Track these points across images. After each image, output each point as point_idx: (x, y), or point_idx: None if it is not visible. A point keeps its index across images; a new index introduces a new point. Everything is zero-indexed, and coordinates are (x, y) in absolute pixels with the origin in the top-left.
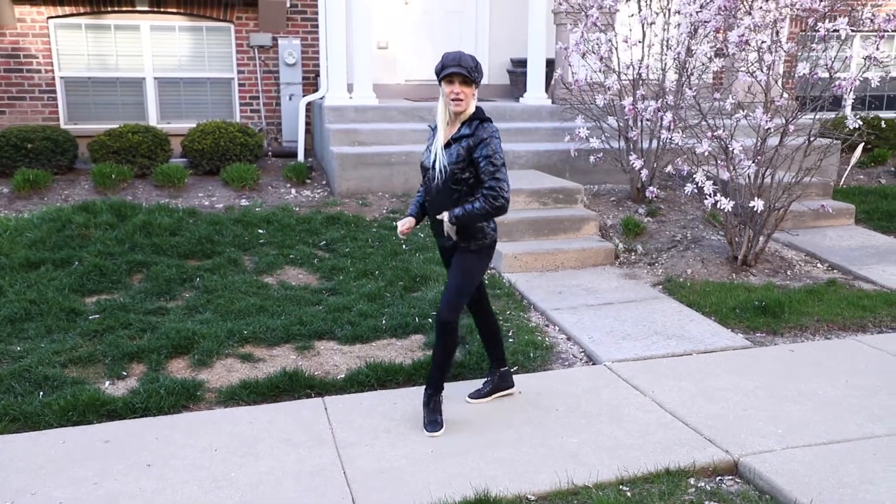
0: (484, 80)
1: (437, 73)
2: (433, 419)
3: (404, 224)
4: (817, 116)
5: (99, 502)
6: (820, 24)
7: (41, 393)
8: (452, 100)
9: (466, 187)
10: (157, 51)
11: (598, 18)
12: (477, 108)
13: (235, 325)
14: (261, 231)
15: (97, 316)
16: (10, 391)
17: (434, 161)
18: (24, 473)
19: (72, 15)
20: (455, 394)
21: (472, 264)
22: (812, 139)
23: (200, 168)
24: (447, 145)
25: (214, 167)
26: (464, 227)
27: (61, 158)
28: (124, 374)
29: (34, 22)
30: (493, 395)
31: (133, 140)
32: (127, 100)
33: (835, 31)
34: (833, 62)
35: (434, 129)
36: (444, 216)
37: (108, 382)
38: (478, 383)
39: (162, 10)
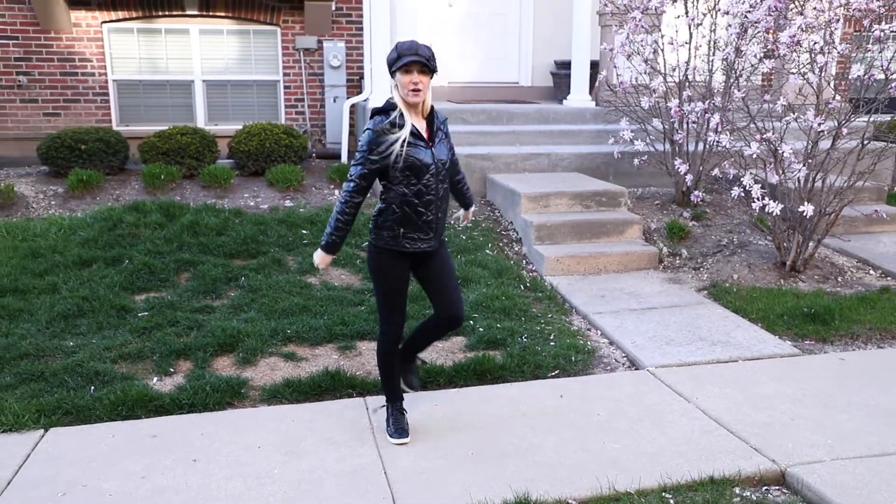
0: (527, 82)
1: (391, 63)
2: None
3: (326, 259)
4: (871, 119)
5: (146, 496)
6: (876, 24)
7: (92, 387)
8: (411, 90)
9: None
10: (205, 54)
11: (642, 20)
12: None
13: (279, 324)
14: (304, 231)
15: (146, 313)
16: (63, 385)
17: (433, 155)
18: (76, 466)
19: (125, 19)
20: (497, 396)
21: (447, 251)
22: (866, 142)
23: (246, 169)
24: (431, 136)
25: (260, 168)
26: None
27: (113, 159)
28: (171, 370)
29: (89, 26)
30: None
31: (181, 141)
32: (176, 102)
33: (892, 31)
34: (889, 63)
35: (394, 126)
36: (471, 209)
37: (155, 378)
38: (519, 385)
39: (211, 13)
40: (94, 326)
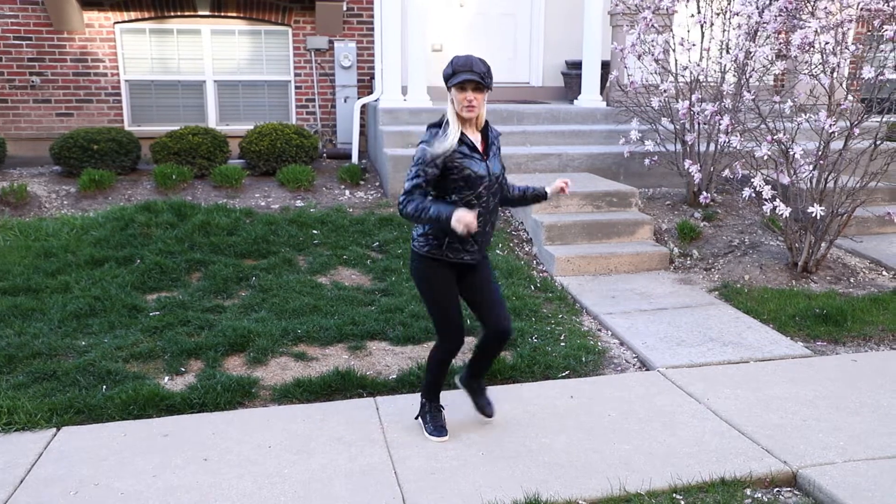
0: (538, 82)
1: (447, 77)
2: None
3: (472, 215)
4: (884, 119)
5: (157, 494)
6: (887, 25)
7: (104, 387)
8: (466, 106)
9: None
10: (217, 54)
11: (653, 20)
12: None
13: (290, 324)
14: (315, 232)
15: (157, 313)
16: (75, 384)
17: (488, 169)
18: (88, 464)
19: (137, 20)
20: (507, 396)
21: (489, 264)
22: (878, 143)
23: (257, 169)
24: (486, 150)
25: (271, 168)
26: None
27: (125, 159)
28: (183, 370)
29: (101, 27)
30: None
31: (193, 142)
32: (188, 102)
33: None
34: None
35: (439, 137)
36: (558, 182)
37: (167, 378)
38: (529, 386)
39: (222, 14)
40: (105, 326)
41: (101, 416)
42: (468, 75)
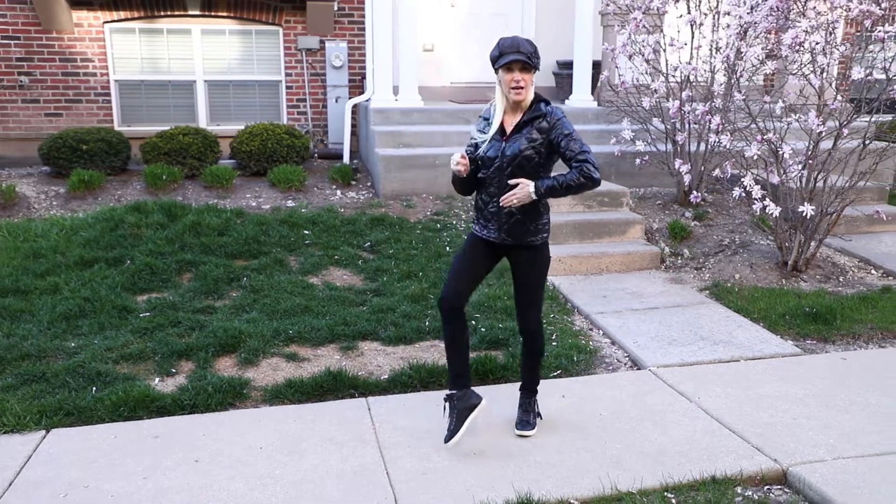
0: None
1: (494, 59)
2: (524, 419)
3: (459, 157)
4: (873, 119)
5: (148, 496)
6: (878, 26)
7: (94, 388)
8: (513, 88)
9: (534, 172)
10: (207, 54)
11: (643, 21)
12: (535, 92)
13: (281, 324)
14: (306, 232)
15: (148, 314)
16: (64, 386)
17: (502, 149)
18: (77, 467)
19: (126, 20)
20: (497, 396)
21: (539, 260)
22: (867, 142)
23: (248, 169)
24: (517, 130)
25: (262, 168)
26: (529, 220)
27: (115, 160)
28: (173, 371)
29: (91, 27)
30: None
31: (183, 142)
32: (178, 102)
33: (893, 32)
34: (890, 64)
35: (487, 119)
36: (528, 186)
37: (157, 379)
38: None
39: (213, 13)
40: (95, 327)
41: (90, 418)
42: (515, 55)
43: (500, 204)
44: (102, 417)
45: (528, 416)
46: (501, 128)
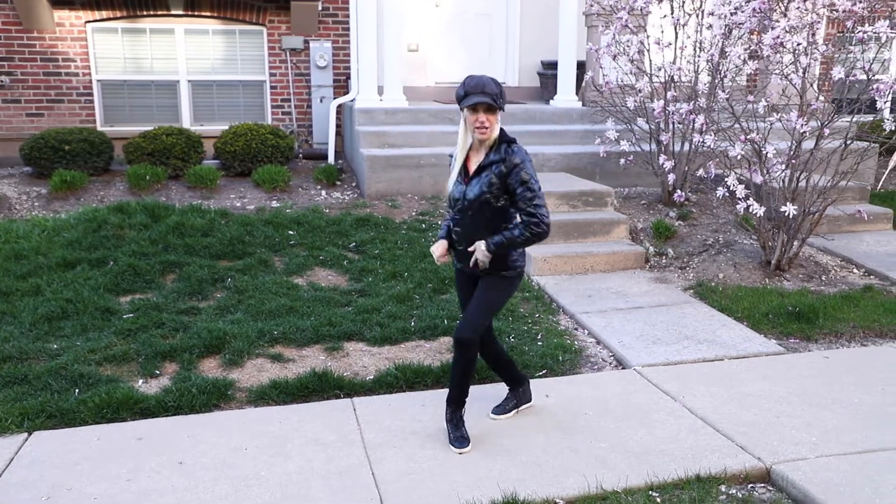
0: (514, 83)
1: (459, 98)
2: (459, 435)
3: (440, 249)
4: (854, 119)
5: (132, 499)
6: (859, 26)
7: (77, 390)
8: (477, 128)
9: (500, 213)
10: (190, 54)
11: (628, 21)
12: (500, 130)
13: (266, 325)
14: (291, 232)
15: (131, 315)
16: (46, 388)
17: (464, 192)
18: (60, 469)
19: (109, 19)
20: (485, 395)
21: (502, 286)
22: (848, 142)
23: (232, 170)
24: (477, 173)
25: (246, 169)
26: (497, 257)
27: (97, 160)
28: (157, 372)
29: (72, 26)
30: (515, 411)
31: (167, 142)
32: (161, 102)
33: (874, 33)
34: (871, 64)
35: (453, 157)
36: (480, 245)
37: (141, 381)
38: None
39: (196, 13)
40: (78, 328)
41: (73, 420)
42: (480, 97)
43: (470, 265)
44: (85, 419)
45: (458, 431)
46: (465, 168)
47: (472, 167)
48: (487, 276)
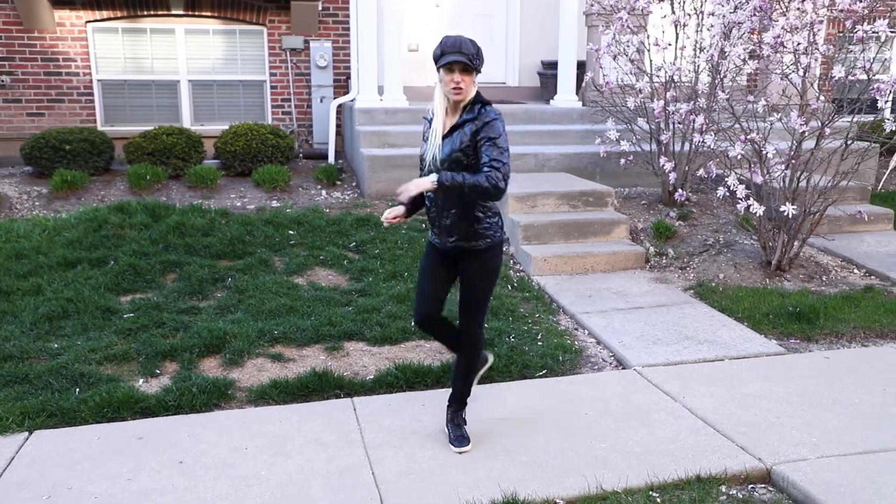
0: (514, 83)
1: (436, 58)
2: (460, 434)
3: (391, 212)
4: (855, 119)
5: (132, 498)
6: (859, 25)
7: (77, 390)
8: (453, 88)
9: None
10: (191, 54)
11: (628, 21)
12: (476, 92)
13: (266, 325)
14: (291, 232)
15: (132, 315)
16: (47, 387)
17: (434, 151)
18: (61, 468)
19: (109, 19)
20: (484, 395)
21: (490, 272)
22: (849, 142)
23: (232, 169)
24: (449, 133)
25: (246, 168)
26: (472, 226)
27: (98, 160)
28: (158, 372)
29: (73, 26)
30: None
31: (167, 142)
32: (162, 102)
33: (874, 32)
34: (871, 64)
35: (430, 119)
36: (432, 176)
37: (141, 380)
38: (507, 385)
39: (196, 13)
40: (79, 328)
41: (74, 420)
42: (456, 56)
43: (398, 191)
44: (86, 419)
45: (459, 430)
46: (437, 129)
47: (447, 128)
48: (468, 265)
